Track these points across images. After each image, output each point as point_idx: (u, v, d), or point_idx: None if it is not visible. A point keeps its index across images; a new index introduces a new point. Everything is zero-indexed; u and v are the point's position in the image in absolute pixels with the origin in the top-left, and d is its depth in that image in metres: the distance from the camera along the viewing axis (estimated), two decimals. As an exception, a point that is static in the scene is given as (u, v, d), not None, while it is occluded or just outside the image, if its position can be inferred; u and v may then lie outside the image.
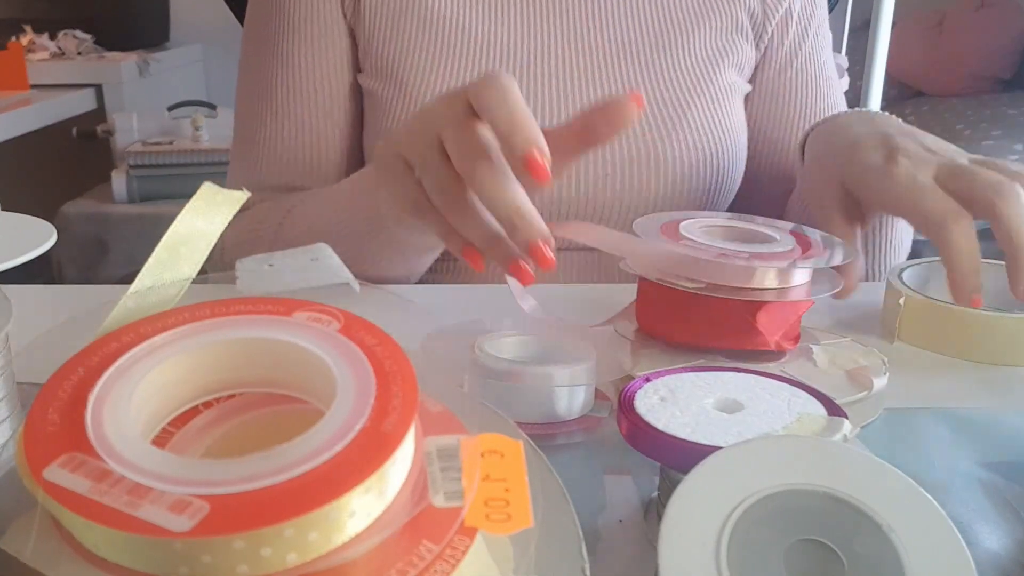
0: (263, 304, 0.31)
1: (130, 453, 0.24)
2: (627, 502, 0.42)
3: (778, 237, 0.55)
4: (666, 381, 0.43)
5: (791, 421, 0.39)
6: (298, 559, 0.23)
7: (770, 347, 0.51)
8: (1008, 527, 0.40)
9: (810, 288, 0.53)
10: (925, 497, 0.31)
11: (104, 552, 0.24)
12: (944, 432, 0.49)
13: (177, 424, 0.29)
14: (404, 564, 0.25)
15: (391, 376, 0.27)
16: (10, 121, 1.95)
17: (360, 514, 0.24)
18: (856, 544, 0.30)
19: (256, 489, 0.23)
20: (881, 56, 1.69)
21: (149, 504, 0.23)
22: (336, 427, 0.25)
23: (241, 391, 0.30)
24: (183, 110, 2.25)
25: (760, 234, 0.56)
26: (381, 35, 0.79)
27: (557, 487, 0.31)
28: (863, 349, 0.54)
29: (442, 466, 0.27)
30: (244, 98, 0.84)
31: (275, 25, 0.81)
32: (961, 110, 2.53)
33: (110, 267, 2.08)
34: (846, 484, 0.31)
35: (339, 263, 0.32)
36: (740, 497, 0.31)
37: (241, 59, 0.85)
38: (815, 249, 0.54)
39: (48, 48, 2.39)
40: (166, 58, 2.56)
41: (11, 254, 0.37)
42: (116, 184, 2.11)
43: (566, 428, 0.47)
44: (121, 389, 0.27)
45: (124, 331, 0.29)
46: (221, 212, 0.32)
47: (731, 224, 0.57)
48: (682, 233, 0.54)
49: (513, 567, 0.28)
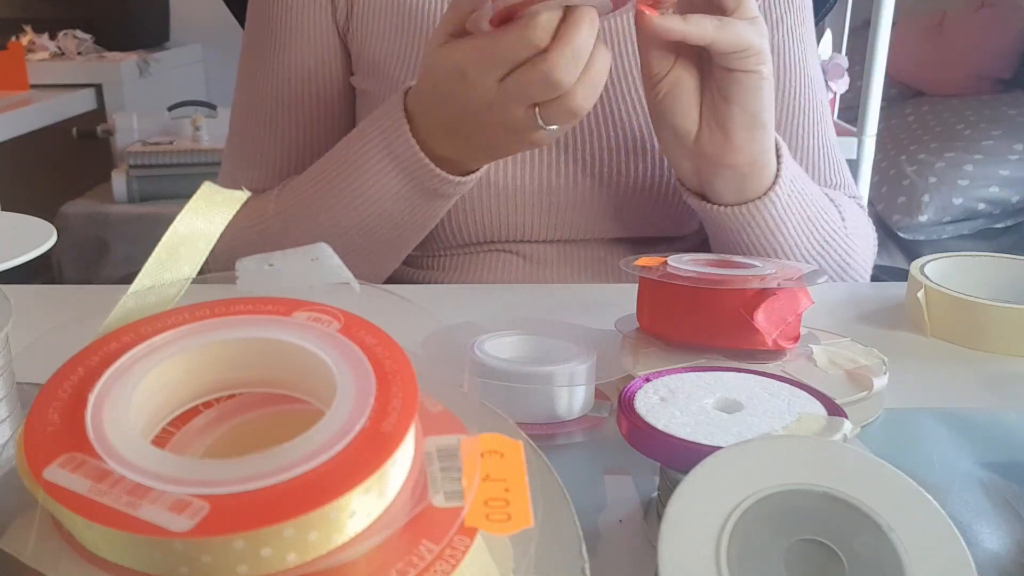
0: (263, 304, 0.31)
1: (130, 453, 0.24)
2: (627, 502, 0.42)
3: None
4: (666, 381, 0.43)
5: (791, 421, 0.39)
6: (298, 559, 0.23)
7: (768, 346, 0.51)
8: (1008, 527, 0.40)
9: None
10: (925, 497, 0.31)
11: (104, 552, 0.23)
12: (944, 432, 0.49)
13: (177, 424, 0.29)
14: (404, 564, 0.25)
15: (391, 376, 0.27)
16: (10, 121, 1.95)
17: (360, 514, 0.24)
18: (856, 544, 0.30)
19: (256, 489, 0.23)
20: (881, 56, 1.69)
21: (149, 504, 0.23)
22: (336, 427, 0.25)
23: (241, 391, 0.30)
24: (183, 110, 2.25)
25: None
26: (373, 38, 0.79)
27: (557, 487, 0.31)
28: (863, 349, 0.54)
29: (442, 466, 0.27)
30: (238, 106, 0.85)
31: (268, 34, 0.82)
32: (961, 110, 2.53)
33: (110, 267, 2.08)
34: (846, 484, 0.31)
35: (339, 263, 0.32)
36: (740, 497, 0.31)
37: (239, 65, 0.86)
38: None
39: (48, 48, 2.39)
40: (166, 58, 2.56)
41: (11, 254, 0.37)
42: (116, 184, 2.11)
43: (566, 428, 0.47)
44: (121, 389, 0.27)
45: (124, 331, 0.29)
46: (221, 212, 0.32)
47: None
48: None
49: (513, 567, 0.28)
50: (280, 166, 0.82)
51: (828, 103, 0.88)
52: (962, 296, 0.60)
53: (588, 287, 0.77)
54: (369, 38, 0.79)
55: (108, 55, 2.43)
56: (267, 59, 0.82)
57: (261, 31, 0.82)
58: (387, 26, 0.79)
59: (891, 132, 2.52)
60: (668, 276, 0.53)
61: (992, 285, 0.64)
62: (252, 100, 0.83)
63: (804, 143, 0.82)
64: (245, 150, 0.84)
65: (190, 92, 2.51)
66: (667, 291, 0.53)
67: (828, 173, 0.84)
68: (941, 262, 0.66)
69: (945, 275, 0.64)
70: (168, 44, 2.73)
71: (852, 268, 0.77)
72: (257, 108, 0.82)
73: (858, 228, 0.79)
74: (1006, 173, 2.26)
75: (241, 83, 0.85)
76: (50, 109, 2.12)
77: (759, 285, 0.51)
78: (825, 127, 0.84)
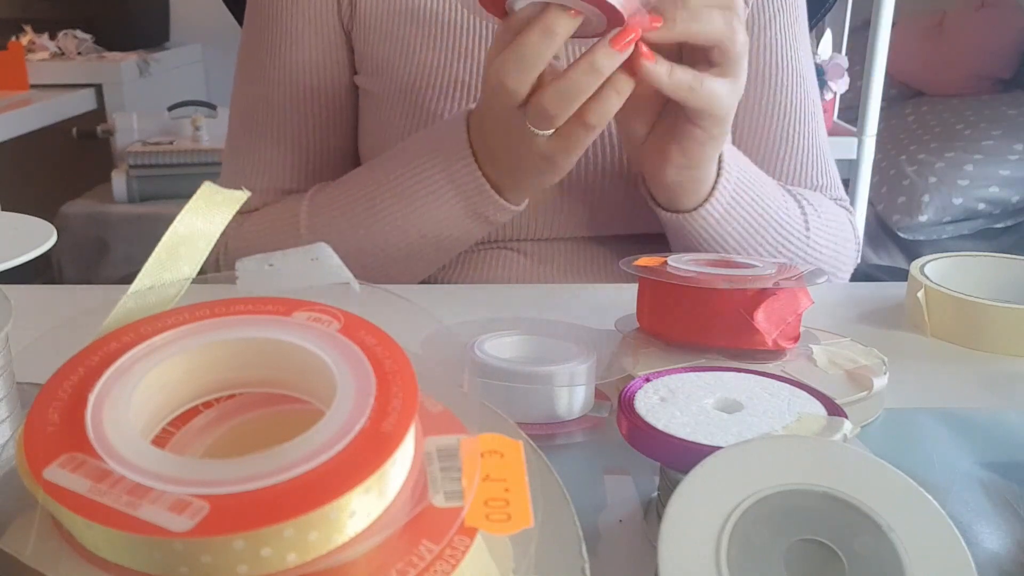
0: (263, 304, 0.31)
1: (130, 453, 0.24)
2: (627, 502, 0.42)
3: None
4: (666, 381, 0.43)
5: (791, 421, 0.39)
6: (298, 559, 0.23)
7: (768, 346, 0.51)
8: (1008, 527, 0.40)
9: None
10: (925, 497, 0.31)
11: (104, 552, 0.23)
12: (944, 432, 0.49)
13: (177, 424, 0.29)
14: (404, 564, 0.25)
15: (391, 376, 0.27)
16: (10, 121, 1.95)
17: (360, 514, 0.24)
18: (856, 544, 0.30)
19: (256, 489, 0.23)
20: (881, 56, 1.69)
21: (149, 504, 0.23)
22: (336, 427, 0.25)
23: (241, 391, 0.30)
24: (183, 110, 2.25)
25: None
26: (377, 37, 0.79)
27: (557, 487, 0.31)
28: (863, 349, 0.54)
29: (442, 466, 0.27)
30: (238, 106, 0.85)
31: (271, 34, 0.81)
32: (961, 110, 2.53)
33: (110, 267, 2.08)
34: (846, 484, 0.31)
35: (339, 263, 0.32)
36: (740, 497, 0.31)
37: (237, 65, 0.85)
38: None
39: (48, 48, 2.39)
40: (166, 58, 2.56)
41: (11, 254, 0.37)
42: (116, 184, 2.11)
43: (566, 428, 0.47)
44: (121, 389, 0.27)
45: (124, 331, 0.29)
46: (221, 212, 0.32)
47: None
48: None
49: (513, 567, 0.28)
50: (284, 166, 0.82)
51: (820, 103, 0.88)
52: (962, 296, 0.60)
53: (588, 287, 0.77)
54: (374, 38, 0.79)
55: (108, 55, 2.43)
56: (271, 58, 0.81)
57: (263, 30, 0.82)
58: (392, 26, 0.79)
59: (891, 132, 2.52)
60: (668, 276, 0.53)
61: (992, 285, 0.64)
62: (254, 100, 0.83)
63: (792, 143, 0.82)
64: (248, 149, 0.83)
65: (190, 92, 2.51)
66: (667, 291, 0.53)
67: (814, 174, 0.84)
68: (941, 262, 0.66)
69: (945, 275, 0.64)
70: (168, 44, 2.73)
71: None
72: (260, 107, 0.82)
73: (829, 233, 0.78)
74: (1006, 173, 2.26)
75: (241, 83, 0.85)
76: (50, 109, 2.12)
77: (759, 285, 0.51)
78: (816, 127, 0.84)
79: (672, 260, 0.56)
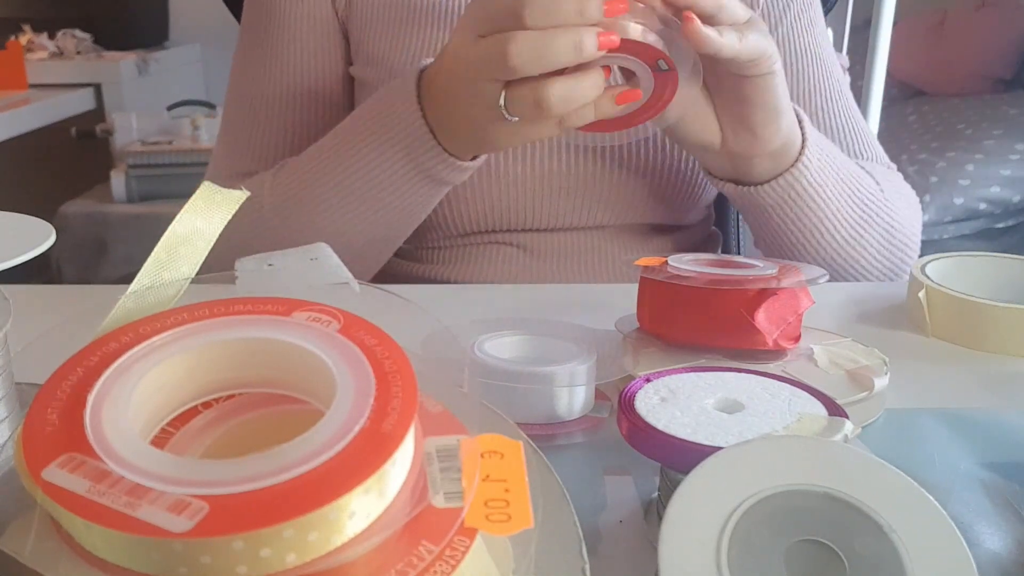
0: (263, 304, 0.30)
1: (129, 453, 0.24)
2: (627, 502, 0.42)
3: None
4: (666, 381, 0.43)
5: (792, 421, 0.39)
6: (297, 560, 0.23)
7: (769, 346, 0.51)
8: (1008, 527, 0.40)
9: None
10: (925, 497, 0.31)
11: (103, 552, 0.23)
12: (944, 432, 0.49)
13: (177, 424, 0.29)
14: (404, 564, 0.24)
15: (391, 376, 0.27)
16: (9, 121, 1.95)
17: (360, 515, 0.24)
18: (856, 544, 0.30)
19: (256, 489, 0.23)
20: (882, 55, 1.69)
21: (148, 504, 0.23)
22: (336, 427, 0.25)
23: (241, 391, 0.30)
24: (182, 110, 2.25)
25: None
26: (373, 28, 0.79)
27: (557, 487, 0.31)
28: (864, 349, 0.54)
29: (442, 466, 0.27)
30: (233, 95, 0.85)
31: (268, 23, 0.81)
32: (961, 110, 2.53)
33: (109, 267, 2.08)
34: (846, 484, 0.31)
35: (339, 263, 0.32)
36: (740, 497, 0.31)
37: (235, 56, 0.85)
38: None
39: (47, 47, 2.39)
40: (165, 58, 2.56)
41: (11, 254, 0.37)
42: (115, 184, 2.11)
43: (566, 428, 0.47)
44: (120, 389, 0.27)
45: (123, 331, 0.29)
46: (220, 212, 0.32)
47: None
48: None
49: (513, 567, 0.27)
50: (275, 154, 0.82)
51: (844, 80, 0.89)
52: (963, 296, 0.60)
53: (588, 287, 0.77)
54: (369, 27, 0.79)
55: (107, 55, 2.43)
56: (266, 47, 0.81)
57: (260, 20, 0.82)
58: (387, 15, 0.79)
59: (892, 131, 2.52)
60: (669, 276, 0.53)
61: (993, 285, 0.64)
62: (249, 88, 0.83)
63: (827, 122, 0.83)
64: (239, 137, 0.83)
65: (189, 92, 2.51)
66: (668, 291, 0.53)
67: (857, 147, 0.84)
68: (942, 262, 0.66)
69: (946, 275, 0.64)
70: (167, 44, 2.73)
71: (898, 232, 0.76)
72: (254, 96, 0.82)
73: (899, 193, 0.79)
74: (1007, 173, 2.26)
75: (237, 72, 0.85)
76: (49, 109, 2.12)
77: (760, 285, 0.51)
78: (847, 101, 0.85)
79: (672, 260, 0.56)
